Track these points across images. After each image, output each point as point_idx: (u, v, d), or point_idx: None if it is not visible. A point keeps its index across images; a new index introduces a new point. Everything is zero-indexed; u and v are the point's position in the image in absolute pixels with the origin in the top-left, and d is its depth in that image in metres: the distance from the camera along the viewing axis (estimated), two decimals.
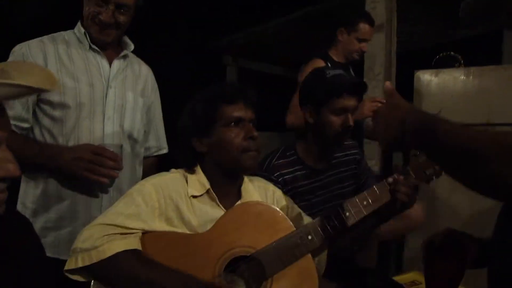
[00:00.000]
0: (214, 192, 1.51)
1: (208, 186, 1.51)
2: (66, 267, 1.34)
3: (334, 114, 1.82)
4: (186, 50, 5.74)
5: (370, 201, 1.52)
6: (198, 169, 1.54)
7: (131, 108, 1.87)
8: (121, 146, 1.73)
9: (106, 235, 1.34)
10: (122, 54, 1.89)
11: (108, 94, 1.81)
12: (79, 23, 1.85)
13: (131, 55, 1.96)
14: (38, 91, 0.90)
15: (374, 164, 3.10)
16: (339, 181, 1.97)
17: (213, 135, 1.50)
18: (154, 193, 1.44)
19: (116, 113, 1.82)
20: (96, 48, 1.82)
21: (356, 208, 1.51)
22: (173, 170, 1.56)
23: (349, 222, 1.51)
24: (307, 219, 1.64)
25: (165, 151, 2.11)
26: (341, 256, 1.69)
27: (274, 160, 1.89)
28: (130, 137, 1.87)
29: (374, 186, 1.55)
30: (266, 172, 1.83)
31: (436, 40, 5.37)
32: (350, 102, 1.82)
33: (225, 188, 1.54)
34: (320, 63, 2.74)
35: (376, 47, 3.02)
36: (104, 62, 1.84)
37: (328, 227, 1.49)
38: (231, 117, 1.49)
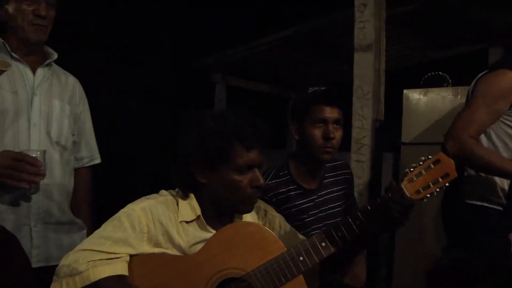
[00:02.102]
0: (205, 218, 1.48)
1: (199, 212, 1.47)
2: None
3: (314, 126, 1.85)
4: (175, 67, 5.75)
5: (363, 219, 1.51)
6: (191, 194, 1.49)
7: (58, 115, 1.87)
8: (44, 152, 1.70)
9: (91, 260, 1.31)
10: (46, 62, 1.89)
11: (33, 101, 1.81)
12: None
13: (56, 66, 1.96)
14: None
15: (363, 182, 3.10)
16: (331, 201, 1.97)
17: (219, 172, 1.43)
18: (143, 217, 1.40)
19: (42, 120, 1.83)
20: (17, 56, 1.82)
21: (349, 228, 1.50)
22: (163, 192, 1.52)
23: (342, 242, 1.49)
24: (300, 239, 1.62)
25: (97, 161, 2.10)
26: (331, 276, 1.67)
27: (268, 180, 1.88)
28: (58, 143, 1.87)
29: (366, 204, 1.54)
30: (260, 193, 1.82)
31: (424, 59, 5.44)
32: (328, 112, 1.85)
33: (217, 214, 1.51)
34: None
35: (365, 66, 3.04)
36: (27, 70, 1.84)
37: (320, 248, 1.47)
38: (244, 164, 1.43)
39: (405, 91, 2.84)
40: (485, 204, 2.03)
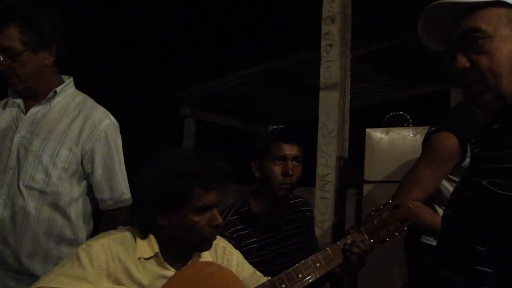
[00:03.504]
0: (163, 255, 1.46)
1: (157, 250, 1.45)
2: None
3: (274, 163, 1.88)
4: (144, 101, 5.75)
5: (323, 262, 1.53)
6: (149, 230, 1.48)
7: (35, 156, 1.77)
8: None
9: None
10: (46, 98, 1.85)
11: (13, 143, 1.78)
12: None
13: (67, 102, 1.90)
14: None
15: (326, 218, 3.12)
16: (292, 237, 1.99)
17: (178, 215, 1.42)
18: (102, 254, 1.38)
19: (17, 162, 1.77)
20: (14, 99, 1.84)
21: (309, 270, 1.51)
22: (121, 228, 1.51)
23: (302, 284, 1.50)
24: (259, 277, 1.62)
25: (122, 204, 1.91)
26: None
27: (228, 216, 1.89)
28: (29, 187, 1.76)
29: (327, 248, 1.56)
30: (220, 228, 1.82)
31: (388, 98, 5.59)
32: (287, 149, 1.88)
33: (176, 252, 1.50)
34: None
35: (330, 104, 3.10)
36: (19, 112, 1.83)
37: None
38: (203, 205, 1.42)
39: (367, 130, 2.90)
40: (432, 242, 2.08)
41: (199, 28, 5.44)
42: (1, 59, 1.75)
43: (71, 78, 1.96)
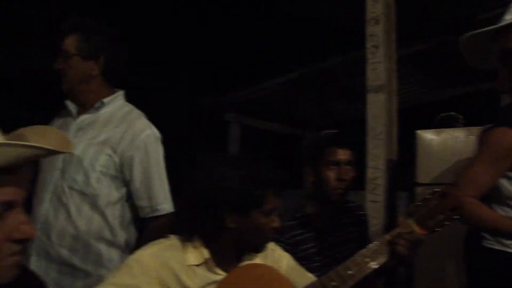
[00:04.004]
0: (214, 260, 1.49)
1: (206, 256, 1.48)
2: None
3: (328, 168, 1.89)
4: (189, 106, 5.84)
5: (372, 257, 1.51)
6: (197, 238, 1.50)
7: (79, 160, 1.94)
8: None
9: None
10: (94, 107, 2.03)
11: None
12: None
13: (113, 110, 2.06)
14: (55, 153, 0.95)
15: (378, 222, 3.09)
16: (348, 241, 1.99)
17: (249, 217, 1.46)
18: (153, 263, 1.42)
19: (64, 164, 1.95)
20: (71, 108, 2.06)
21: (358, 266, 1.50)
22: (171, 236, 1.54)
23: (351, 281, 1.49)
24: (309, 278, 1.62)
25: (159, 213, 1.99)
26: None
27: (284, 222, 1.90)
28: (72, 188, 1.94)
29: (375, 242, 1.55)
30: (276, 234, 1.84)
31: (437, 97, 5.47)
32: (341, 154, 1.89)
33: (226, 255, 1.52)
34: None
35: (377, 107, 3.07)
36: (71, 119, 2.06)
37: (330, 287, 1.48)
38: (272, 208, 1.48)
39: (417, 132, 2.86)
40: (503, 249, 1.93)
41: (242, 34, 5.48)
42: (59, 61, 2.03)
43: (121, 92, 2.12)
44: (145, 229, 2.01)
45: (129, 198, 2.03)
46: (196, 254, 1.48)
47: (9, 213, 0.93)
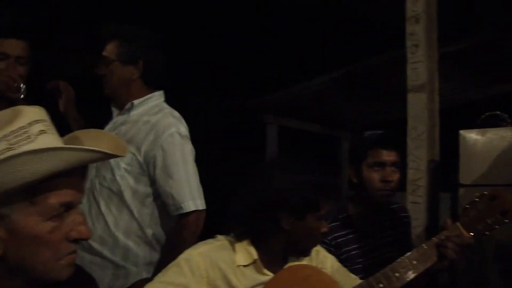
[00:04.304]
0: (261, 260, 1.51)
1: (255, 256, 1.51)
2: None
3: (372, 169, 1.87)
4: (227, 108, 5.88)
5: (420, 260, 1.50)
6: (246, 238, 1.54)
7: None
8: None
9: None
10: (125, 109, 2.15)
11: None
12: None
13: (154, 114, 2.12)
14: (112, 157, 0.99)
15: (419, 224, 3.03)
16: (391, 243, 1.97)
17: (305, 220, 1.51)
18: (202, 263, 1.45)
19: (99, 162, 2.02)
20: (113, 106, 2.20)
21: (406, 268, 1.49)
22: (219, 237, 1.57)
23: (398, 283, 1.48)
24: (354, 279, 1.62)
25: (182, 211, 2.02)
26: None
27: (327, 223, 1.90)
28: (102, 185, 2.06)
29: (423, 245, 1.53)
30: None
31: (480, 96, 5.33)
32: (385, 155, 1.88)
33: (274, 256, 1.54)
34: None
35: (418, 107, 3.02)
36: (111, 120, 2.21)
37: None
38: (325, 214, 1.53)
39: (461, 132, 2.79)
40: None
41: (279, 34, 5.49)
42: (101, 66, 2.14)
43: (157, 93, 2.20)
44: (174, 226, 2.06)
45: (159, 196, 2.08)
46: (245, 255, 1.50)
47: (68, 214, 0.97)
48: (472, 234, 1.50)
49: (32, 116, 0.92)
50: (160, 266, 2.00)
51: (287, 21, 5.44)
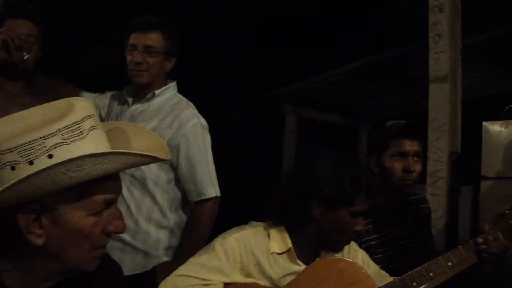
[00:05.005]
0: (295, 250, 1.51)
1: (290, 245, 1.51)
2: None
3: (394, 159, 1.85)
4: (246, 98, 5.88)
5: (455, 262, 1.49)
6: (282, 225, 1.54)
7: None
8: None
9: (190, 285, 1.38)
10: (146, 98, 2.16)
11: None
12: None
13: (175, 104, 2.17)
14: (156, 160, 1.02)
15: (439, 216, 3.00)
16: (411, 234, 1.95)
17: (335, 213, 1.49)
18: (237, 248, 1.46)
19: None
20: (127, 97, 2.21)
21: (441, 269, 1.48)
22: (254, 223, 1.57)
23: (433, 283, 1.47)
24: (384, 275, 1.62)
25: (204, 196, 2.11)
26: None
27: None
28: (124, 172, 1.98)
29: (459, 247, 1.52)
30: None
31: (504, 88, 5.24)
32: (408, 145, 1.85)
33: (306, 247, 1.54)
34: None
35: (440, 98, 2.98)
36: (126, 106, 2.21)
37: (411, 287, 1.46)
38: (360, 211, 1.51)
39: (484, 123, 2.74)
40: None
41: (299, 24, 5.45)
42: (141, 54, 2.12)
43: (174, 82, 2.26)
44: (192, 212, 2.14)
45: (179, 182, 2.15)
46: (280, 243, 1.51)
47: (108, 209, 1.00)
48: (510, 239, 1.49)
49: (85, 111, 0.94)
50: (180, 249, 2.11)
51: (308, 10, 5.40)
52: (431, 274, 1.47)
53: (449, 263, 1.48)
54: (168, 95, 2.21)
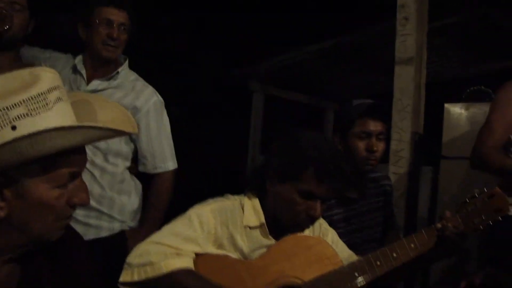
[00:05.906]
0: (268, 226, 1.53)
1: (263, 220, 1.53)
2: (121, 280, 1.40)
3: (358, 138, 1.89)
4: (213, 76, 5.85)
5: (417, 244, 1.55)
6: (257, 200, 1.55)
7: None
8: None
9: (163, 253, 1.39)
10: (109, 76, 2.18)
11: None
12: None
13: (126, 79, 2.23)
14: (121, 134, 1.02)
15: (400, 194, 3.09)
16: (372, 211, 2.01)
17: (284, 186, 1.48)
18: (212, 220, 1.48)
19: None
20: (80, 69, 2.18)
21: (403, 250, 1.54)
22: (230, 196, 1.59)
23: (396, 263, 1.53)
24: (351, 255, 1.67)
25: (165, 169, 2.26)
26: None
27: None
28: (95, 147, 2.12)
29: (422, 230, 1.58)
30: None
31: (466, 72, 5.36)
32: (372, 125, 1.89)
33: (274, 223, 1.56)
34: None
35: (405, 79, 3.04)
36: (82, 81, 2.18)
37: (375, 267, 1.51)
38: (309, 192, 1.47)
39: (446, 105, 2.83)
40: None
41: (268, 2, 5.43)
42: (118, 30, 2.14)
43: (127, 59, 2.30)
44: (154, 183, 2.26)
45: (137, 153, 2.26)
46: (253, 217, 1.53)
47: (73, 181, 1.00)
48: (469, 227, 1.56)
49: (51, 82, 0.92)
50: (145, 217, 2.25)
51: None
52: (394, 254, 1.53)
53: (412, 245, 1.54)
54: (125, 71, 2.26)
